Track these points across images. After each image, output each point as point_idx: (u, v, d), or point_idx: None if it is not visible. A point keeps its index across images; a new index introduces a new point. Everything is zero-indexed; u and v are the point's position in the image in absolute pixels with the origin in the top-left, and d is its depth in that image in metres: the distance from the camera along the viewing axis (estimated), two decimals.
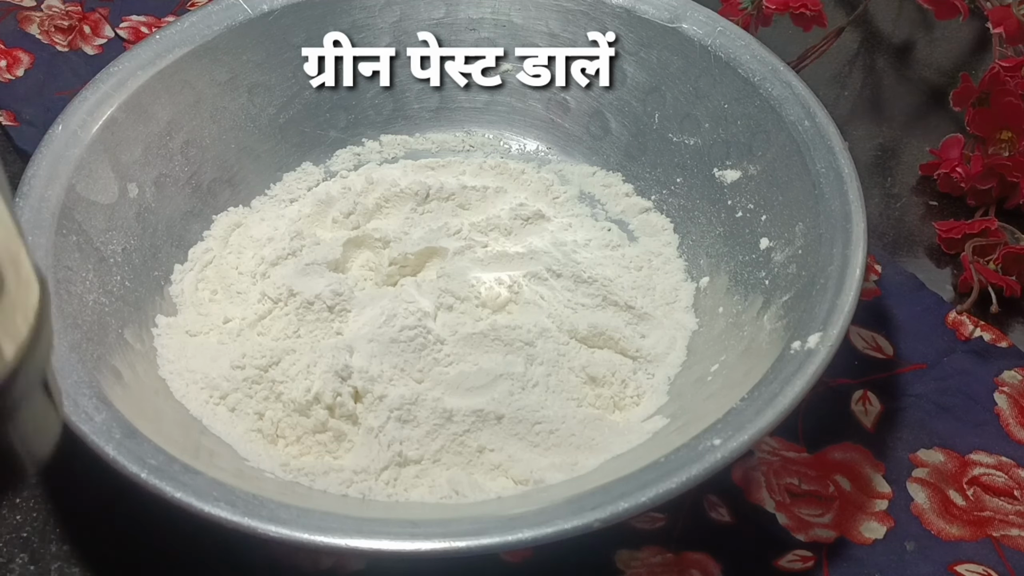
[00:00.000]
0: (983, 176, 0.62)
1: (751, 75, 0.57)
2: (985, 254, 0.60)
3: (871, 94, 0.73)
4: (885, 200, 0.65)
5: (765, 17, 0.66)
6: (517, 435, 0.49)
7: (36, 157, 0.52)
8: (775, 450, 0.52)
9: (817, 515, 0.50)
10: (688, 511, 0.49)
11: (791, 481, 0.51)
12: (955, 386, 0.55)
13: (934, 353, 0.56)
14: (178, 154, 0.57)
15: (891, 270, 0.60)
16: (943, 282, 0.61)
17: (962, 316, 0.57)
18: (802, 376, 0.44)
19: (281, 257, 0.55)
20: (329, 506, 0.43)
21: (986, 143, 0.64)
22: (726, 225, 0.57)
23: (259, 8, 0.60)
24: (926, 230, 0.63)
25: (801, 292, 0.49)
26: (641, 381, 0.52)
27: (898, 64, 0.74)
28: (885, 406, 0.54)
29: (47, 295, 0.28)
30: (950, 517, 0.50)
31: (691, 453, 0.42)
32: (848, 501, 0.50)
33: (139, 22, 0.74)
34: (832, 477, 0.51)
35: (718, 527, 0.49)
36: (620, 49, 0.61)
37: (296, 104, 0.62)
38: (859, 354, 0.56)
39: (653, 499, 0.40)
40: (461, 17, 0.63)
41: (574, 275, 0.55)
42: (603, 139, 0.63)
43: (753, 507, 0.50)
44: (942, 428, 0.53)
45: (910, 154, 0.68)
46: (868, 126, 0.70)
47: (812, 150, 0.53)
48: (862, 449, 0.52)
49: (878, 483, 0.51)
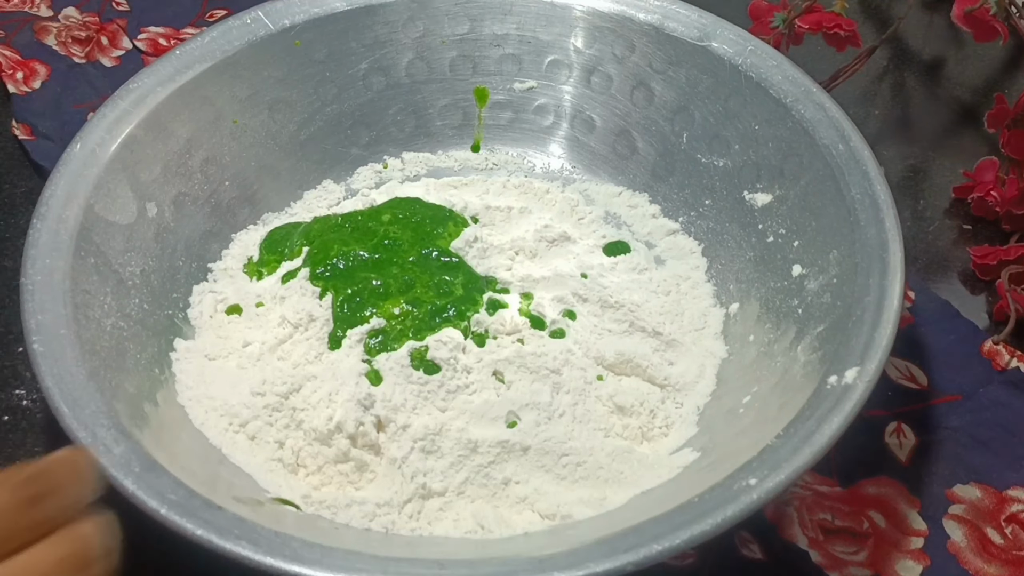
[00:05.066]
0: (1019, 200, 0.61)
1: (783, 96, 0.56)
2: (1021, 282, 0.58)
3: (901, 113, 0.71)
4: (917, 223, 0.64)
5: (796, 36, 0.65)
6: (543, 467, 0.47)
7: (54, 176, 0.51)
8: (808, 484, 0.50)
9: (851, 552, 0.48)
10: (719, 548, 0.48)
11: (824, 517, 0.49)
12: (991, 418, 0.53)
13: (970, 384, 0.55)
14: (198, 172, 0.56)
15: (924, 297, 0.59)
16: (978, 310, 0.59)
17: (998, 346, 0.56)
18: (839, 413, 0.43)
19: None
20: (353, 542, 0.42)
21: (1022, 166, 0.62)
22: (756, 250, 0.55)
23: (280, 23, 0.59)
24: (960, 255, 0.62)
25: (836, 323, 0.48)
26: (670, 411, 0.51)
27: (928, 82, 0.73)
28: (920, 439, 0.53)
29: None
30: (988, 556, 0.49)
31: (726, 493, 0.41)
32: (883, 538, 0.49)
33: (157, 33, 0.73)
34: (866, 513, 0.50)
35: (750, 564, 0.48)
36: (648, 67, 0.60)
37: (317, 121, 0.61)
38: (893, 384, 0.55)
39: (687, 541, 0.39)
40: (486, 33, 0.62)
41: (600, 300, 0.54)
42: (629, 158, 0.61)
43: (785, 544, 0.48)
44: (979, 462, 0.52)
45: (942, 175, 0.67)
46: (899, 146, 0.69)
47: (847, 175, 0.52)
48: (897, 484, 0.51)
49: (913, 520, 0.50)
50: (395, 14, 0.61)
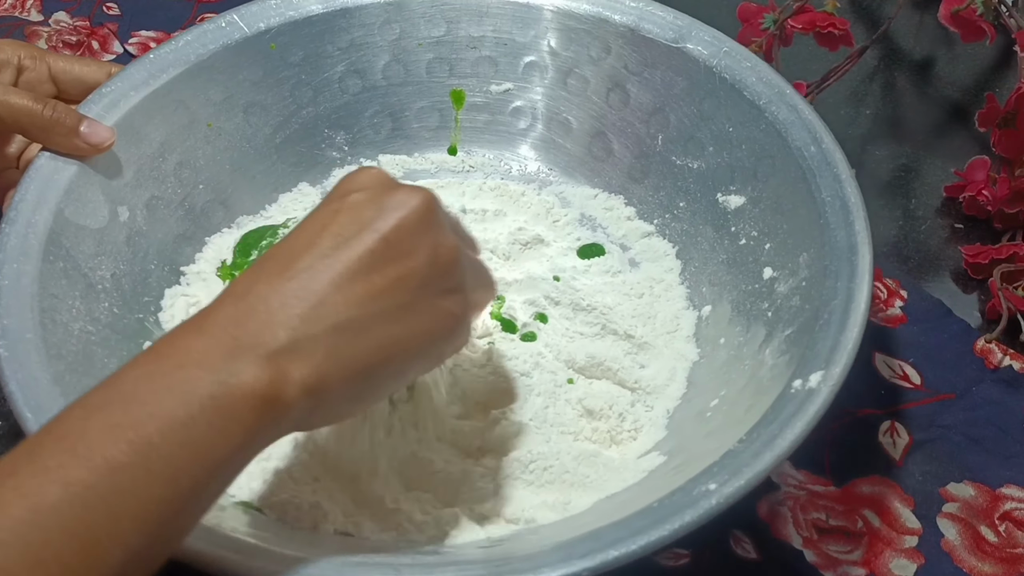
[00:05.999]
0: (1010, 199, 0.60)
1: (757, 98, 0.56)
2: (1013, 280, 0.58)
3: (892, 112, 0.71)
4: (909, 222, 0.64)
5: (787, 37, 0.65)
6: (511, 474, 0.47)
7: (24, 182, 0.51)
8: (801, 483, 0.50)
9: (845, 552, 0.48)
10: (713, 548, 0.48)
11: (818, 516, 0.49)
12: (984, 417, 0.53)
13: (963, 382, 0.55)
14: (171, 176, 0.56)
15: (916, 296, 0.58)
16: (970, 308, 0.59)
17: (991, 344, 0.56)
18: (802, 417, 0.43)
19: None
20: (309, 546, 0.42)
21: (1013, 165, 0.62)
22: (729, 252, 0.55)
23: (256, 26, 0.59)
24: (952, 254, 0.62)
25: (804, 326, 0.47)
26: (639, 414, 0.51)
27: (919, 81, 0.73)
28: (913, 437, 0.53)
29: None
30: (982, 554, 0.49)
31: (685, 498, 0.41)
32: (877, 537, 0.49)
33: (148, 37, 0.73)
34: (860, 512, 0.50)
35: (744, 564, 0.48)
36: (623, 69, 0.60)
37: (293, 124, 0.61)
38: (886, 383, 0.55)
39: (644, 547, 0.39)
40: (462, 35, 0.62)
41: (572, 303, 0.54)
42: (605, 161, 0.61)
43: (779, 543, 0.48)
44: (972, 461, 0.52)
45: (933, 174, 0.66)
46: (889, 145, 0.68)
47: (818, 177, 0.52)
48: (890, 482, 0.51)
49: (907, 518, 0.50)
50: (371, 17, 0.61)
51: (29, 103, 0.50)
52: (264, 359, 0.35)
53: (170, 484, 0.33)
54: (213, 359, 0.35)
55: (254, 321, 0.36)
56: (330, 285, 0.37)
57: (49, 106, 0.51)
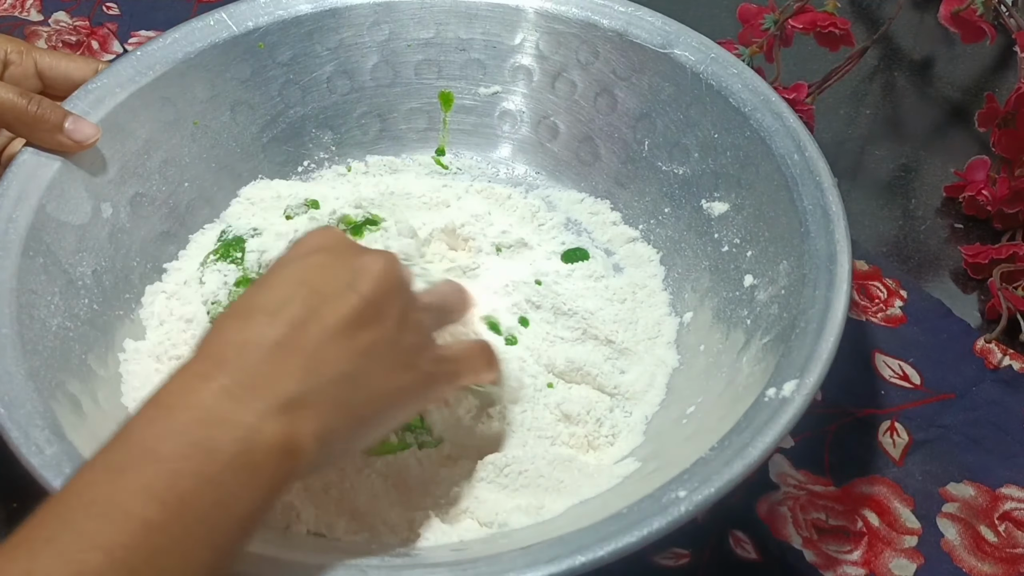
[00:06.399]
0: (1010, 199, 0.60)
1: (742, 105, 0.55)
2: (1013, 280, 0.58)
3: (892, 112, 0.71)
4: (909, 222, 0.64)
5: (787, 38, 0.65)
6: (485, 477, 0.47)
7: (7, 177, 0.51)
8: (801, 484, 0.51)
9: (845, 551, 0.48)
10: (713, 548, 0.48)
11: (818, 516, 0.49)
12: (985, 417, 0.53)
13: (963, 382, 0.55)
14: (156, 173, 0.56)
15: (916, 296, 0.58)
16: (970, 308, 0.59)
17: (991, 344, 0.56)
18: (774, 426, 0.43)
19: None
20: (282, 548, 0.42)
21: (1012, 165, 0.62)
22: (712, 259, 0.55)
23: (244, 25, 0.59)
24: (951, 253, 0.62)
25: (781, 335, 0.47)
26: (617, 420, 0.51)
27: (919, 81, 0.73)
28: (913, 437, 0.53)
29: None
30: (982, 554, 0.49)
31: (654, 505, 0.41)
32: (877, 537, 0.49)
33: (148, 38, 0.73)
34: (860, 512, 0.50)
35: (744, 564, 0.48)
36: (611, 74, 0.60)
37: (280, 123, 0.61)
38: (886, 383, 0.55)
39: (611, 553, 0.39)
40: (450, 37, 0.62)
41: (554, 307, 0.54)
42: (592, 165, 0.61)
43: (779, 544, 0.49)
44: (972, 461, 0.52)
45: (932, 174, 0.66)
46: (889, 145, 0.68)
47: (800, 185, 0.52)
48: (890, 483, 0.51)
49: (907, 518, 0.50)
50: (360, 17, 0.61)
51: (14, 97, 0.51)
52: (278, 412, 0.36)
53: (206, 539, 0.34)
54: (230, 412, 0.36)
55: (259, 372, 0.37)
56: (323, 340, 0.38)
57: (34, 101, 0.51)
